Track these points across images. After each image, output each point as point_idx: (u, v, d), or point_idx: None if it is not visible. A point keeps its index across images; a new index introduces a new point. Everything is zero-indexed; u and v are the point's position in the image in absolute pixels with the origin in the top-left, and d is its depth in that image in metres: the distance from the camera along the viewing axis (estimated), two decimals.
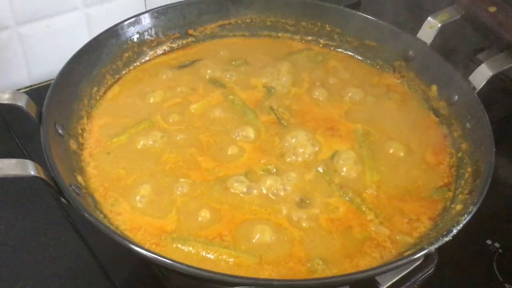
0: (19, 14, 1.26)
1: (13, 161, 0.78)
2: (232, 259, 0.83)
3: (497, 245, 1.03)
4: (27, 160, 0.80)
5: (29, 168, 0.79)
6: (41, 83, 1.38)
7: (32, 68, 1.35)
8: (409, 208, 0.93)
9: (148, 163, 0.97)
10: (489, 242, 1.04)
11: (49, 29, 1.33)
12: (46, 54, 1.35)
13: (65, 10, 1.33)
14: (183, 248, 0.84)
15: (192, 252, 0.84)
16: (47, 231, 1.02)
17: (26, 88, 1.37)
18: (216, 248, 0.84)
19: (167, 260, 0.74)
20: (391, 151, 1.03)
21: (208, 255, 0.84)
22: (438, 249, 0.81)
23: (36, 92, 1.32)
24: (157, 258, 0.74)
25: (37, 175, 0.79)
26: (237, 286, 0.74)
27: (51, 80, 1.37)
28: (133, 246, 0.75)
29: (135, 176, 0.95)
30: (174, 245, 0.85)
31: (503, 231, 1.07)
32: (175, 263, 0.73)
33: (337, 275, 0.81)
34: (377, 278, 0.85)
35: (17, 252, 0.99)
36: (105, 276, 0.96)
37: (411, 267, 0.89)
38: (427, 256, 0.87)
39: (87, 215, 0.78)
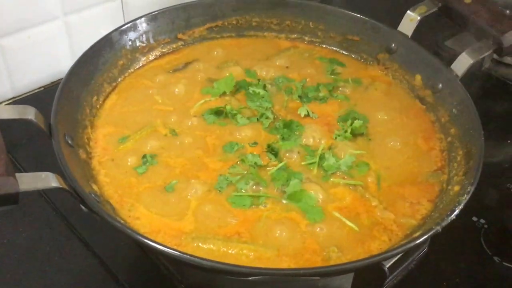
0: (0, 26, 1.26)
1: (35, 174, 0.79)
2: (252, 253, 0.87)
3: (482, 221, 1.10)
4: (48, 173, 0.81)
5: (51, 181, 0.80)
6: (23, 94, 1.37)
7: (15, 79, 1.35)
8: (409, 193, 0.98)
9: (158, 168, 0.99)
10: (475, 219, 1.10)
11: (30, 39, 1.32)
12: (28, 65, 1.35)
13: (45, 20, 1.32)
14: (203, 246, 0.88)
15: (214, 249, 0.87)
16: (50, 241, 1.02)
17: (9, 100, 1.36)
18: (235, 244, 0.88)
19: (195, 258, 0.77)
20: (384, 140, 1.08)
21: (229, 251, 0.87)
22: None
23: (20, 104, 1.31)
24: (184, 256, 0.77)
25: (60, 186, 0.80)
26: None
27: (33, 90, 1.39)
28: (162, 247, 0.78)
29: (147, 183, 0.97)
30: (195, 244, 0.88)
31: (487, 208, 1.13)
32: (205, 261, 0.77)
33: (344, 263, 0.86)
34: None
35: (23, 264, 0.99)
36: (115, 281, 0.97)
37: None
38: None
39: (112, 221, 0.81)
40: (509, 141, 1.32)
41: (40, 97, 1.36)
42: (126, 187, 0.96)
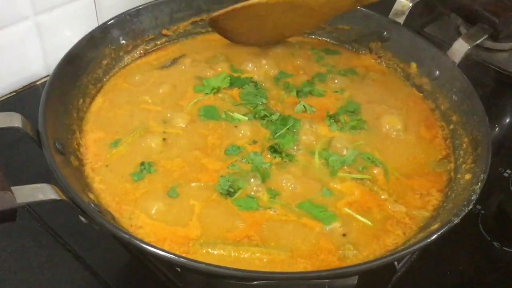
0: None
1: (31, 187, 0.73)
2: (265, 257, 0.83)
3: (478, 207, 1.09)
4: (44, 184, 0.75)
5: (49, 193, 0.74)
6: None
7: None
8: (418, 184, 0.96)
9: (155, 173, 0.94)
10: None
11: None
12: None
13: (15, 21, 1.25)
14: (213, 252, 0.83)
15: (224, 254, 0.83)
16: (38, 255, 0.97)
17: None
18: (246, 247, 0.84)
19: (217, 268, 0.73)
20: (386, 131, 1.05)
21: (241, 256, 0.83)
22: None
23: None
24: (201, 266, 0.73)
25: (58, 198, 0.75)
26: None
27: (5, 96, 1.31)
28: (176, 257, 0.73)
29: (143, 189, 0.91)
30: (204, 251, 0.83)
31: (482, 193, 1.10)
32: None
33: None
34: None
35: (11, 280, 0.93)
36: None
37: None
38: None
39: (117, 232, 0.76)
40: (496, 125, 1.31)
41: (13, 103, 1.28)
42: (123, 194, 0.91)
